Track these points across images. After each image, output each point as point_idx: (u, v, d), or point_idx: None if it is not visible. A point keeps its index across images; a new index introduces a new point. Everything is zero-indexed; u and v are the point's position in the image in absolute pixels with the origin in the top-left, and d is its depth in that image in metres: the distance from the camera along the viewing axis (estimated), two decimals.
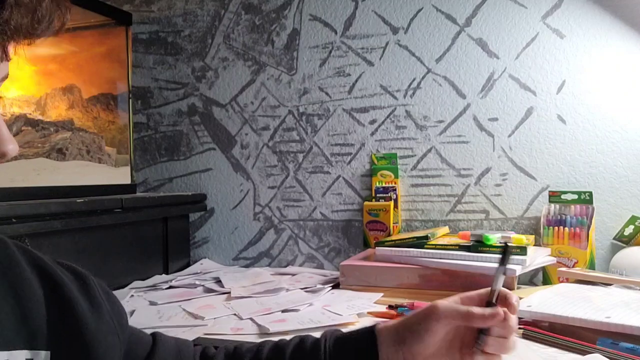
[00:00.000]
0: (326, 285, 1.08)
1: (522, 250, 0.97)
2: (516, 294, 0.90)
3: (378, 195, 1.27)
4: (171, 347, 0.59)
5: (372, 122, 1.31)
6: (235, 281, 1.15)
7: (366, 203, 1.27)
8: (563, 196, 1.13)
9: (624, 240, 1.10)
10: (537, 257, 1.02)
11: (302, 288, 1.09)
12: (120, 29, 1.36)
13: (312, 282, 1.14)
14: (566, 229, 1.09)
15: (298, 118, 1.36)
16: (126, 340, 0.53)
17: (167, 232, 1.33)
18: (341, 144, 1.33)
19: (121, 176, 1.33)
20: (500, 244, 0.99)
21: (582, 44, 1.15)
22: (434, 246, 1.03)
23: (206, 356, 0.61)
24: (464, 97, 1.24)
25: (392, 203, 1.24)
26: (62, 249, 1.03)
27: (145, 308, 0.98)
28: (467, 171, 1.24)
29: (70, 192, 1.13)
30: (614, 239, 1.13)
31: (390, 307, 0.88)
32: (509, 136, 1.21)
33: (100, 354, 0.47)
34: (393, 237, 1.14)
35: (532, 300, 0.82)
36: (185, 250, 1.42)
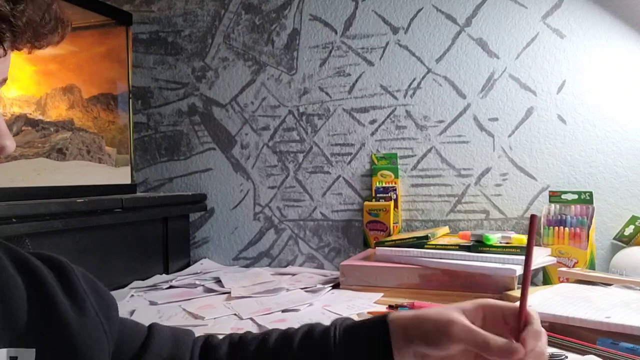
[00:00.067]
0: (326, 285, 1.08)
1: (522, 250, 0.97)
2: (516, 294, 0.91)
3: (378, 195, 1.27)
4: (167, 337, 0.58)
5: (372, 122, 1.31)
6: (235, 281, 1.15)
7: (366, 203, 1.27)
8: (563, 196, 1.13)
9: (624, 240, 1.10)
10: (537, 257, 1.02)
11: (302, 288, 1.09)
12: (121, 29, 1.36)
13: (312, 282, 1.14)
14: (566, 229, 1.09)
15: (298, 118, 1.36)
16: (115, 333, 0.52)
17: (167, 232, 1.33)
18: (341, 144, 1.33)
19: (121, 176, 1.33)
20: (501, 244, 0.98)
21: (582, 44, 1.15)
22: (434, 246, 1.04)
23: (209, 345, 0.60)
24: (464, 97, 1.24)
25: (392, 203, 1.24)
26: (62, 249, 1.03)
27: (145, 308, 0.98)
28: (467, 171, 1.24)
29: (70, 192, 1.12)
30: (614, 239, 1.13)
31: (391, 307, 0.88)
32: (509, 136, 1.21)
33: (85, 350, 0.46)
34: (393, 237, 1.14)
35: (532, 300, 0.82)
36: (185, 250, 1.42)
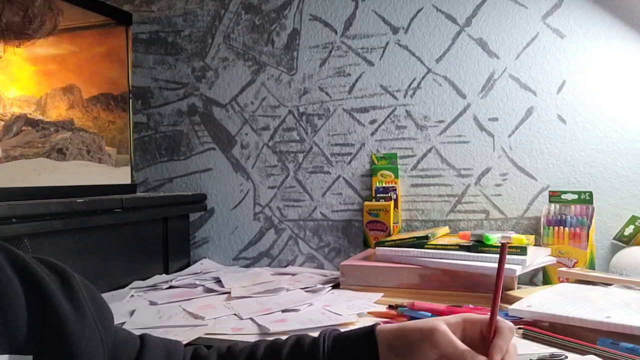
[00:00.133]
0: (326, 285, 1.08)
1: (522, 250, 0.97)
2: (516, 294, 0.91)
3: (378, 195, 1.27)
4: (159, 349, 0.58)
5: (372, 122, 1.31)
6: (235, 281, 1.15)
7: (366, 203, 1.27)
8: (563, 196, 1.13)
9: (624, 240, 1.10)
10: (537, 257, 1.02)
11: (302, 288, 1.08)
12: (120, 29, 1.36)
13: (312, 282, 1.14)
14: (566, 229, 1.09)
15: (298, 118, 1.36)
16: (110, 344, 0.51)
17: (167, 232, 1.33)
18: (341, 144, 1.33)
19: (121, 176, 1.33)
20: (498, 244, 0.98)
21: (582, 44, 1.15)
22: (434, 246, 1.04)
23: (198, 356, 0.60)
24: (464, 97, 1.24)
25: (392, 203, 1.24)
26: (62, 249, 1.03)
27: (145, 308, 0.98)
28: (467, 171, 1.24)
29: (70, 192, 1.12)
30: (614, 239, 1.13)
31: (390, 307, 0.88)
32: (509, 136, 1.21)
33: (84, 357, 0.45)
34: (393, 237, 1.14)
35: (532, 300, 0.82)
36: (185, 250, 1.42)
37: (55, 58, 1.22)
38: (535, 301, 0.82)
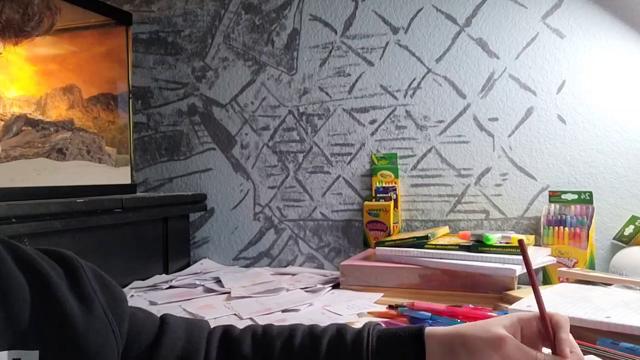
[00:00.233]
0: (326, 285, 1.08)
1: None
2: (516, 294, 0.91)
3: (378, 195, 1.27)
4: (180, 332, 0.56)
5: (372, 122, 1.31)
6: (235, 281, 1.15)
7: (366, 203, 1.27)
8: (563, 196, 1.13)
9: (624, 240, 1.10)
10: (537, 257, 1.02)
11: (302, 288, 1.09)
12: (120, 29, 1.36)
13: (312, 282, 1.14)
14: (566, 229, 1.09)
15: (298, 118, 1.36)
16: (125, 330, 0.51)
17: (167, 232, 1.33)
18: (341, 144, 1.33)
19: (121, 176, 1.33)
20: (500, 243, 0.99)
21: (582, 44, 1.15)
22: (434, 246, 1.04)
23: (230, 338, 0.58)
24: (464, 97, 1.24)
25: (392, 203, 1.24)
26: (62, 249, 1.03)
27: (145, 308, 0.98)
28: (467, 171, 1.24)
29: (70, 192, 1.12)
30: (614, 239, 1.13)
31: (390, 307, 0.88)
32: (509, 136, 1.21)
33: (92, 351, 0.45)
34: (393, 237, 1.14)
35: (532, 300, 0.82)
36: (185, 250, 1.42)
37: (55, 58, 1.22)
38: (535, 301, 0.82)
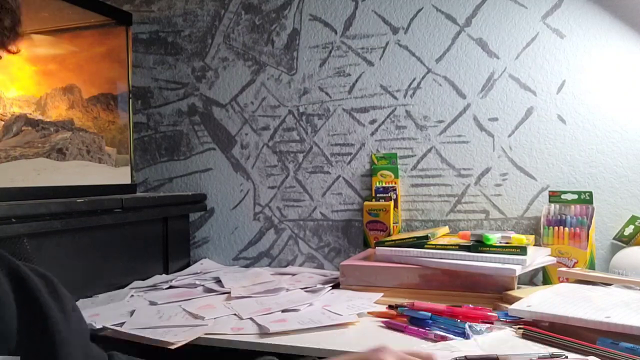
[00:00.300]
0: (326, 285, 1.08)
1: (522, 250, 0.97)
2: (516, 294, 0.91)
3: (378, 195, 1.27)
4: None
5: (372, 122, 1.31)
6: (235, 281, 1.15)
7: (366, 203, 1.27)
8: (563, 196, 1.13)
9: (624, 240, 1.10)
10: (537, 257, 1.02)
11: (302, 288, 1.09)
12: (120, 29, 1.36)
13: (312, 282, 1.14)
14: (566, 229, 1.09)
15: (298, 118, 1.36)
16: (89, 350, 0.51)
17: (167, 232, 1.33)
18: (341, 144, 1.33)
19: (121, 176, 1.33)
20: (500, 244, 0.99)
21: (582, 44, 1.15)
22: (434, 246, 1.03)
23: None
24: (464, 97, 1.24)
25: (392, 203, 1.24)
26: (62, 249, 1.03)
27: (145, 308, 0.98)
28: (467, 171, 1.24)
29: (70, 192, 1.12)
30: (614, 239, 1.13)
31: (390, 307, 0.88)
32: (509, 136, 1.21)
33: (72, 356, 0.45)
34: (393, 237, 1.14)
35: (532, 300, 0.82)
36: (185, 250, 1.42)
37: (55, 58, 1.22)
38: (535, 301, 0.82)
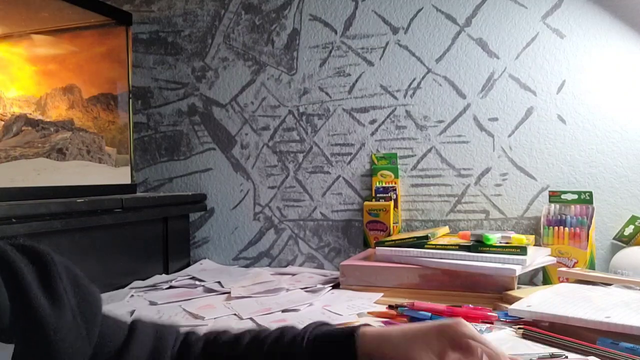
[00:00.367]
0: (326, 285, 1.08)
1: (522, 250, 0.97)
2: (516, 294, 0.91)
3: (378, 195, 1.27)
4: (148, 339, 0.56)
5: (372, 122, 1.31)
6: (235, 281, 1.15)
7: (366, 203, 1.27)
8: (563, 196, 1.13)
9: (624, 240, 1.10)
10: (537, 257, 1.02)
11: (302, 288, 1.08)
12: (120, 29, 1.36)
13: (312, 282, 1.14)
14: (566, 229, 1.09)
15: (298, 118, 1.36)
16: (94, 336, 0.50)
17: (167, 232, 1.33)
18: (341, 144, 1.33)
19: (121, 176, 1.33)
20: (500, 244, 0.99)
21: (582, 44, 1.15)
22: (434, 246, 1.03)
23: (187, 342, 0.59)
24: (464, 97, 1.24)
25: (392, 203, 1.24)
26: (62, 249, 1.03)
27: (145, 308, 0.98)
28: (467, 171, 1.24)
29: (70, 192, 1.13)
30: (614, 239, 1.13)
31: (390, 307, 0.88)
32: (509, 136, 1.21)
33: (61, 352, 0.45)
34: (393, 237, 1.14)
35: (532, 300, 0.82)
36: (185, 250, 1.42)
37: (55, 58, 1.22)
38: (535, 301, 0.82)
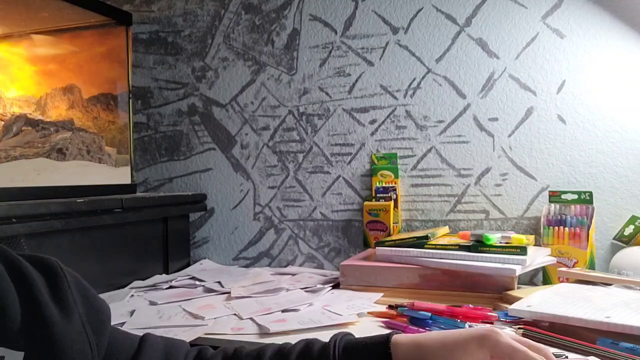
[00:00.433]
0: (326, 285, 1.08)
1: (522, 250, 0.97)
2: (516, 294, 0.91)
3: (378, 195, 1.27)
4: (158, 353, 0.56)
5: (372, 122, 1.31)
6: (235, 281, 1.15)
7: (366, 203, 1.27)
8: (563, 196, 1.13)
9: (624, 240, 1.10)
10: (537, 257, 1.02)
11: (302, 288, 1.08)
12: (120, 29, 1.36)
13: (312, 282, 1.14)
14: (566, 229, 1.09)
15: (298, 118, 1.36)
16: (104, 345, 0.50)
17: (167, 232, 1.33)
18: (341, 144, 1.33)
19: (121, 176, 1.33)
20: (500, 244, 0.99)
21: (582, 44, 1.15)
22: (434, 246, 1.03)
23: (203, 357, 0.59)
24: (464, 97, 1.24)
25: (392, 203, 1.24)
26: (62, 249, 1.03)
27: (145, 308, 0.98)
28: (467, 171, 1.24)
29: (70, 192, 1.13)
30: (614, 239, 1.13)
31: (390, 307, 0.88)
32: (509, 136, 1.21)
33: (69, 358, 0.45)
34: (393, 237, 1.14)
35: (532, 300, 0.82)
36: (185, 250, 1.42)
37: (55, 58, 1.22)
38: (535, 301, 0.82)
